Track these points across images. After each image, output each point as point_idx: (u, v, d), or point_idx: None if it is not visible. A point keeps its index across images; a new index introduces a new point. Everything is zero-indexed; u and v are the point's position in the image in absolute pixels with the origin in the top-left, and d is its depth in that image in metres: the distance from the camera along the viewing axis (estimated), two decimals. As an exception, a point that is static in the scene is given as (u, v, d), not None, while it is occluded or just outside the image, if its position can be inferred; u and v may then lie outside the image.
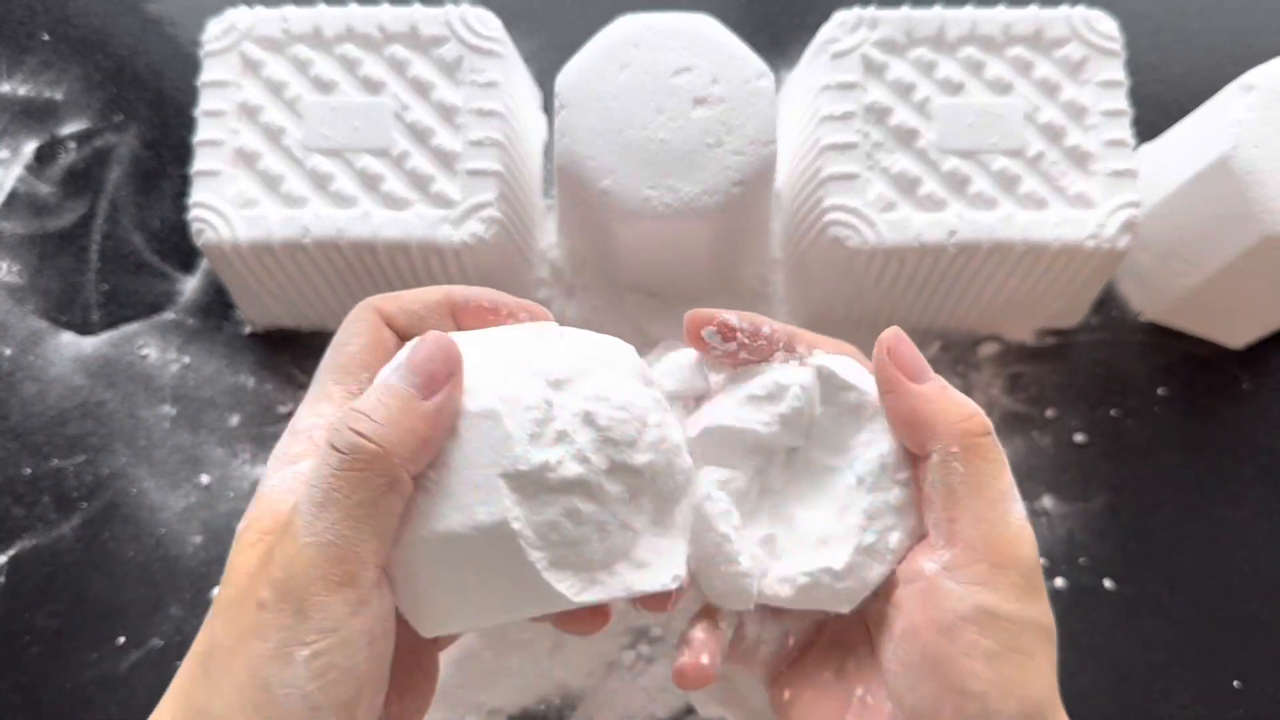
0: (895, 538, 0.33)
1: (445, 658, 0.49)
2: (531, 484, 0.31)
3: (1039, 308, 0.53)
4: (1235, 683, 0.50)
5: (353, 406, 0.30)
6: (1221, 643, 0.51)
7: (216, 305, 0.56)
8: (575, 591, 0.31)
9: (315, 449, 0.32)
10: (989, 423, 0.33)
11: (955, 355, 0.55)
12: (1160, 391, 0.55)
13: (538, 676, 0.49)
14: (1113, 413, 0.55)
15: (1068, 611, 0.51)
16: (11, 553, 0.51)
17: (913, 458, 0.34)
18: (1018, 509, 0.32)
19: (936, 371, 0.51)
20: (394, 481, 0.30)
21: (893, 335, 0.34)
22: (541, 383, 0.32)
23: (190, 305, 0.56)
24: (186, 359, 0.55)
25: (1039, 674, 0.31)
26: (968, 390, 0.55)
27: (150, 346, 0.55)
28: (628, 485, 0.32)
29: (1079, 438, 0.54)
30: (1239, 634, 0.51)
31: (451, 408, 0.31)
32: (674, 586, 0.33)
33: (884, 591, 0.34)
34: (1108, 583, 0.52)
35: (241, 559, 0.31)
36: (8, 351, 0.55)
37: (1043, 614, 0.32)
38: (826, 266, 0.50)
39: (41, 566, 0.51)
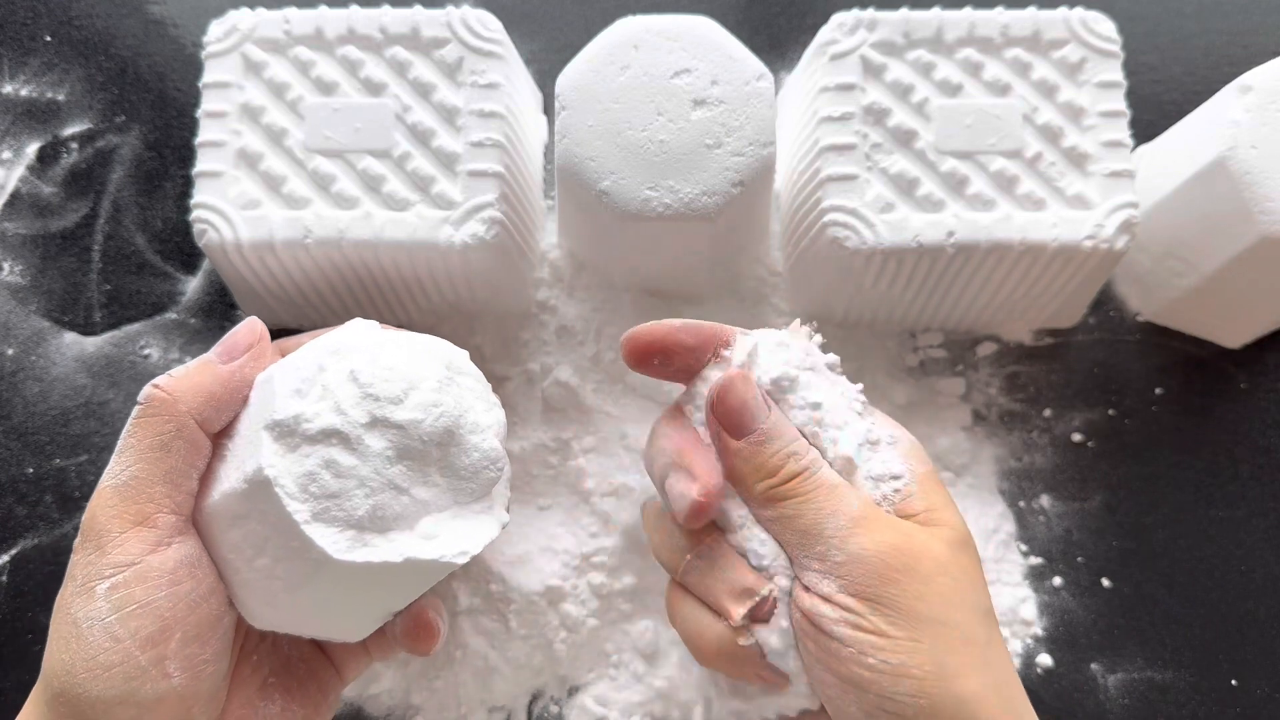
0: (899, 484, 0.35)
1: (446, 656, 0.49)
2: (289, 434, 0.32)
3: (1037, 308, 0.53)
4: (1233, 681, 0.50)
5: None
6: (1219, 641, 0.51)
7: (218, 306, 0.56)
8: (340, 549, 0.32)
9: None
10: (799, 465, 0.34)
11: (953, 355, 0.55)
12: (1158, 391, 0.55)
13: (535, 674, 0.50)
14: (1110, 412, 0.55)
15: (1065, 610, 0.52)
16: (14, 552, 0.52)
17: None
18: (843, 513, 0.33)
19: (935, 373, 0.52)
20: (181, 428, 0.33)
21: (722, 385, 0.35)
22: (324, 352, 0.34)
23: (192, 305, 0.56)
24: (189, 359, 0.55)
25: (932, 653, 0.32)
26: (968, 390, 0.55)
27: (152, 346, 0.55)
28: (394, 445, 0.33)
29: (1076, 437, 0.54)
30: (1236, 633, 0.51)
31: (245, 375, 0.35)
32: (459, 561, 0.33)
33: None
34: (1105, 581, 0.52)
35: None
36: (10, 351, 0.55)
37: (914, 601, 0.32)
38: (825, 267, 0.50)
39: (44, 565, 0.51)
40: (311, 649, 0.38)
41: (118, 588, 0.31)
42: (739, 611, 0.34)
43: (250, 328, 0.36)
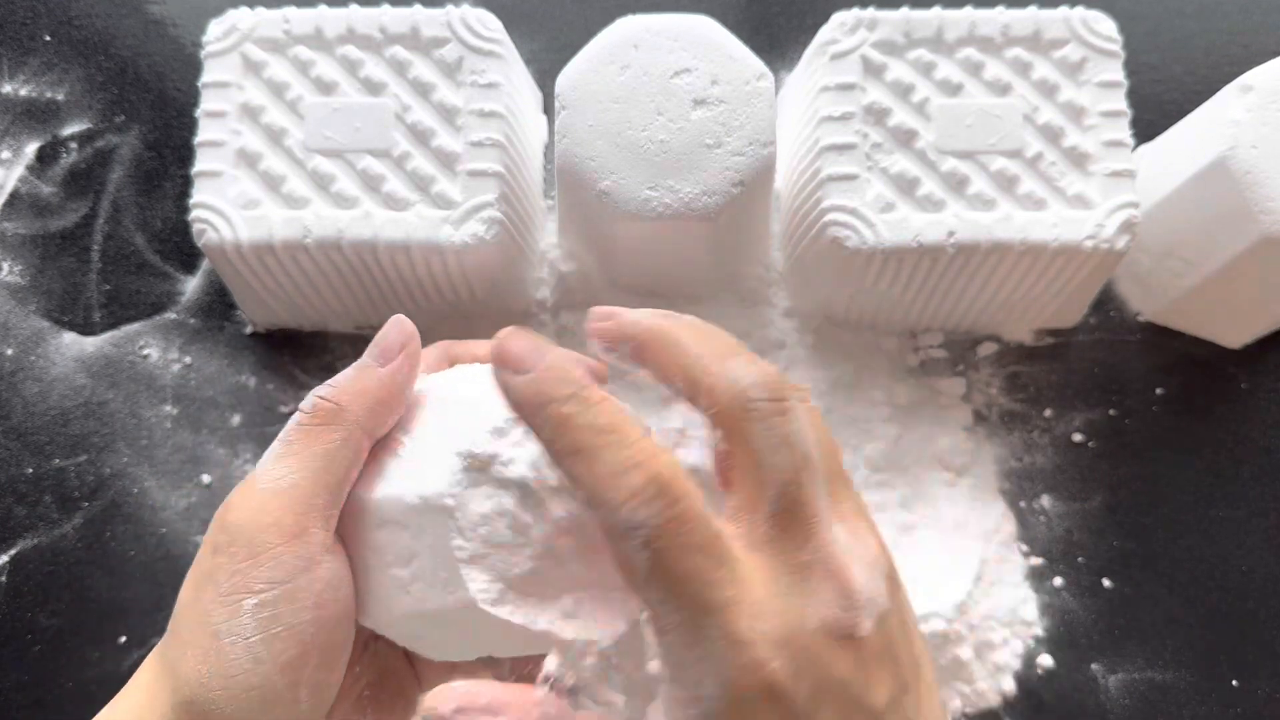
0: None
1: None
2: (481, 470, 0.31)
3: (1037, 308, 0.53)
4: (1233, 681, 0.50)
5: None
6: (1219, 642, 0.51)
7: (218, 305, 0.56)
8: (487, 599, 0.31)
9: None
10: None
11: (954, 355, 0.55)
12: (1158, 391, 0.55)
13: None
14: (1111, 412, 0.55)
15: (1066, 610, 0.52)
16: (13, 552, 0.52)
17: None
18: None
19: (935, 373, 0.52)
20: (348, 437, 0.31)
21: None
22: None
23: (192, 305, 0.56)
24: (188, 359, 0.55)
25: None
26: (968, 390, 0.55)
27: (152, 346, 0.55)
28: (573, 517, 0.31)
29: (1077, 437, 0.54)
30: (1237, 633, 0.51)
31: (405, 376, 0.33)
32: (578, 645, 0.32)
33: None
34: (1106, 581, 0.52)
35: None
36: (10, 351, 0.55)
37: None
38: (826, 267, 0.50)
39: (43, 566, 0.51)
40: (402, 659, 0.37)
41: (265, 605, 0.29)
42: None
43: (400, 328, 0.34)
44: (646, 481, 0.26)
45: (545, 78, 0.56)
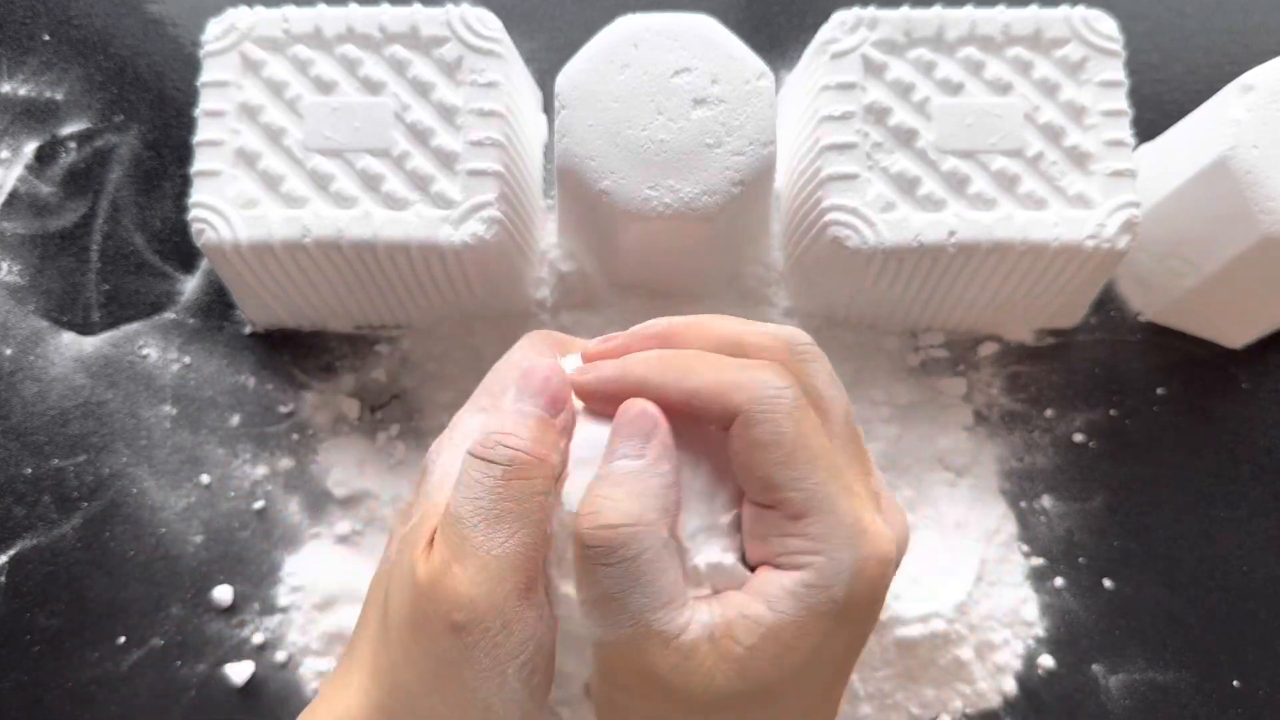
0: None
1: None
2: None
3: (1038, 308, 0.53)
4: (1235, 682, 0.50)
5: (496, 428, 0.31)
6: (1221, 642, 0.51)
7: (217, 305, 0.56)
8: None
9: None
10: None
11: (955, 355, 0.55)
12: (1159, 391, 0.55)
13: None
14: (1112, 412, 0.55)
15: (1067, 611, 0.51)
16: (12, 552, 0.52)
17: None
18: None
19: (936, 373, 0.51)
20: (549, 488, 0.31)
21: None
22: None
23: (191, 305, 0.56)
24: (187, 359, 0.55)
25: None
26: (969, 390, 0.55)
27: (151, 346, 0.55)
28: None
29: (1078, 437, 0.54)
30: (1238, 633, 0.51)
31: (569, 424, 0.32)
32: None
33: None
34: (1107, 582, 0.52)
35: (420, 563, 0.30)
36: (8, 351, 0.55)
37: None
38: (826, 266, 0.50)
39: (42, 566, 0.51)
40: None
41: (526, 665, 0.29)
42: None
43: (563, 379, 0.32)
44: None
45: (545, 77, 0.56)
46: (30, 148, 0.58)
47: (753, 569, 0.30)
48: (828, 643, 0.29)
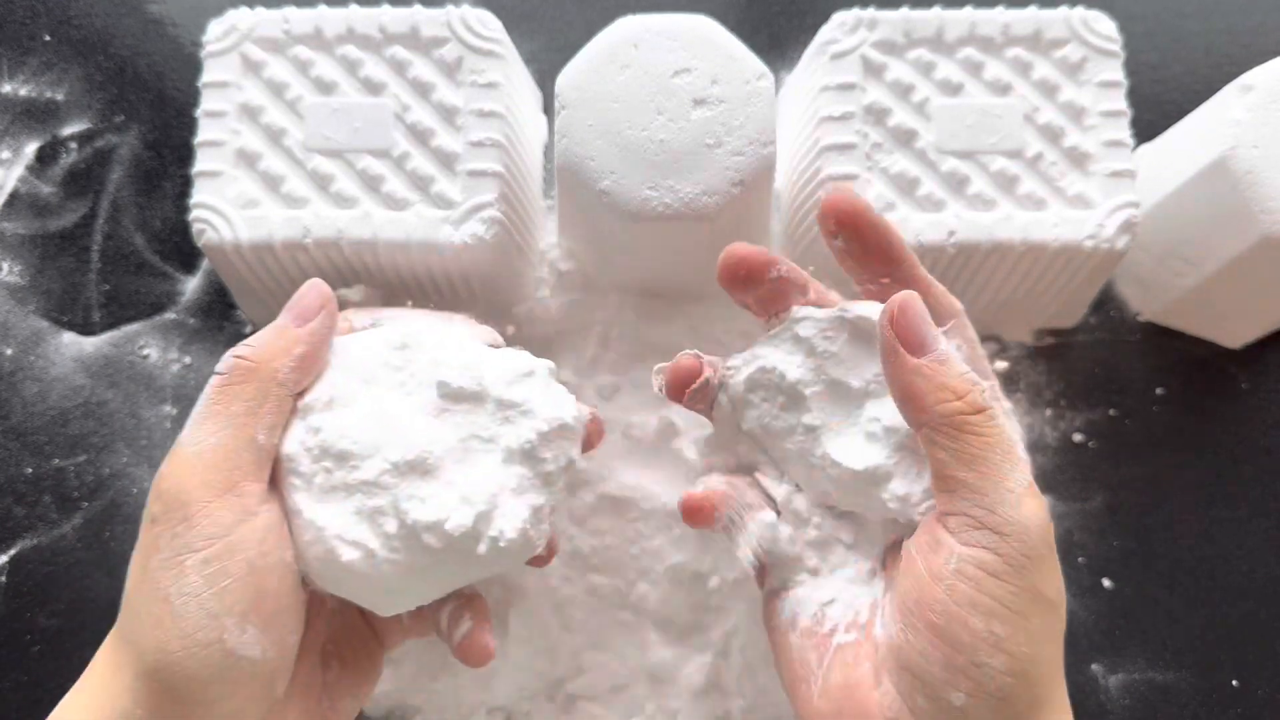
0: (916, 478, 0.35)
1: (446, 656, 0.49)
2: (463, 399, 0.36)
3: (1038, 308, 0.53)
4: (1234, 682, 0.50)
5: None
6: (1220, 642, 0.51)
7: (218, 305, 0.56)
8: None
9: None
10: (983, 400, 0.33)
11: (954, 355, 0.55)
12: (1159, 391, 0.55)
13: (535, 675, 0.49)
14: (1111, 413, 0.55)
15: (1067, 610, 0.51)
16: (12, 552, 0.52)
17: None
18: (1018, 479, 0.32)
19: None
20: (267, 392, 0.32)
21: (901, 299, 0.33)
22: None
23: (191, 305, 0.56)
24: (188, 359, 0.55)
25: (1032, 636, 0.32)
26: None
27: (151, 346, 0.55)
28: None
29: (1077, 437, 0.54)
30: (1237, 633, 0.51)
31: (322, 334, 0.35)
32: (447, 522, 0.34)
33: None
34: (1106, 582, 0.52)
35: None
36: (9, 351, 0.55)
37: (1043, 581, 0.32)
38: (826, 267, 0.50)
39: (43, 566, 0.51)
40: (358, 616, 0.38)
41: (210, 561, 0.30)
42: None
43: (318, 290, 0.36)
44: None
45: (545, 78, 0.56)
46: (31, 148, 0.58)
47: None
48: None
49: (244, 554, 0.30)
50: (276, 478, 0.34)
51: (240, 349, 0.33)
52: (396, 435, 0.34)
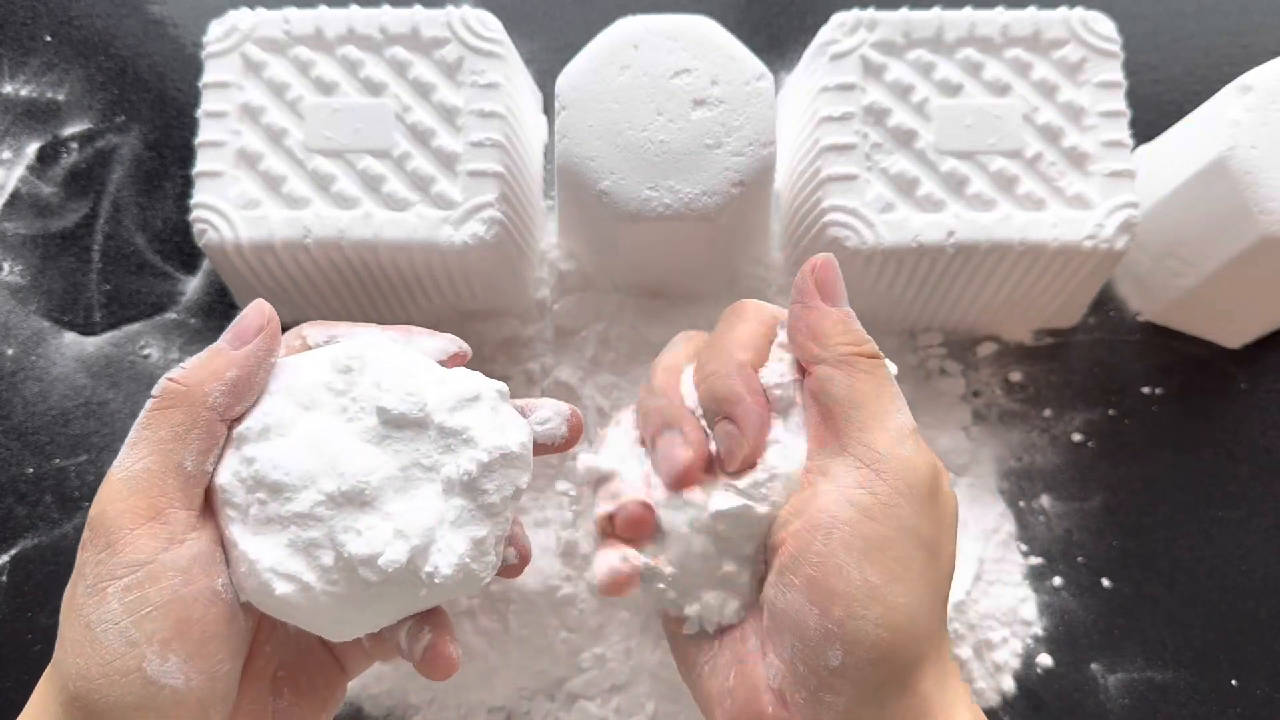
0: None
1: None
2: (406, 426, 0.35)
3: (1037, 308, 0.53)
4: (1233, 681, 0.50)
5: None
6: (1219, 641, 0.51)
7: (218, 305, 0.56)
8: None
9: None
10: (882, 356, 0.34)
11: (954, 355, 0.55)
12: (1158, 391, 0.55)
13: (535, 674, 0.49)
14: (1110, 412, 0.55)
15: (1065, 610, 0.52)
16: (14, 552, 0.52)
17: (802, 372, 0.35)
18: (902, 421, 0.33)
19: (935, 373, 0.51)
20: (197, 419, 0.32)
21: (824, 258, 0.35)
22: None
23: (192, 305, 0.56)
24: (188, 358, 0.55)
25: (910, 586, 0.31)
26: (968, 390, 0.55)
27: (152, 346, 0.55)
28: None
29: (1076, 437, 0.54)
30: (1236, 633, 0.51)
31: (260, 358, 0.34)
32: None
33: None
34: (1105, 581, 0.52)
35: None
36: (10, 351, 0.55)
37: (923, 526, 0.31)
38: (825, 267, 0.50)
39: (44, 565, 0.51)
40: (317, 643, 0.37)
41: (131, 589, 0.29)
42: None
43: (258, 310, 0.35)
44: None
45: (545, 78, 0.56)
46: (32, 148, 0.58)
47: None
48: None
49: (167, 581, 0.30)
50: (213, 507, 0.33)
51: (174, 372, 0.33)
52: (333, 464, 0.33)
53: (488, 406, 0.35)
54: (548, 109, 0.56)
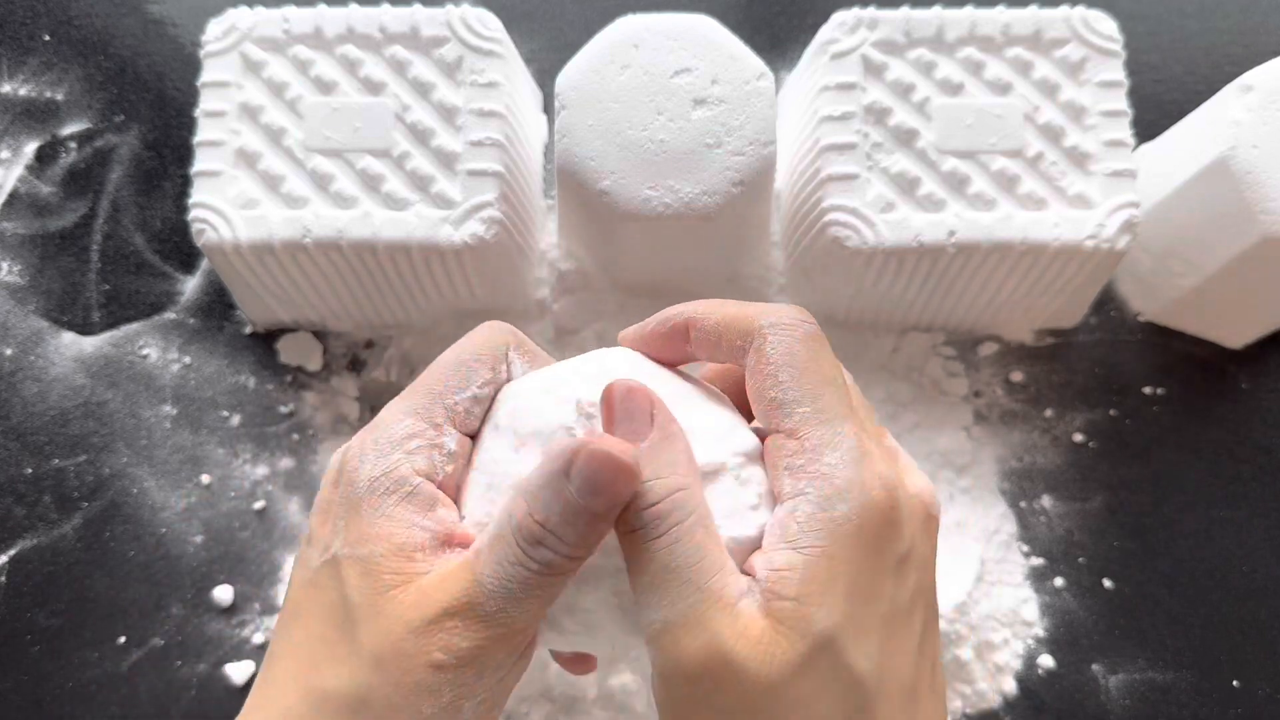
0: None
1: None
2: None
3: (1038, 308, 0.53)
4: (1234, 682, 0.50)
5: (542, 521, 0.28)
6: (1220, 642, 0.51)
7: (217, 305, 0.56)
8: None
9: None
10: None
11: (955, 355, 0.55)
12: (1159, 391, 0.55)
13: (537, 674, 0.49)
14: (1111, 412, 0.55)
15: (1067, 611, 0.51)
16: (13, 552, 0.52)
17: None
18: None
19: (936, 373, 0.51)
20: (572, 573, 0.30)
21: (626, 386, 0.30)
22: None
23: (191, 305, 0.56)
24: (187, 359, 0.55)
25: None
26: (969, 390, 0.55)
27: (151, 346, 0.55)
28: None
29: (1078, 437, 0.54)
30: (1238, 633, 0.51)
31: (610, 511, 0.29)
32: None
33: None
34: (1106, 582, 0.52)
35: (393, 605, 0.29)
36: (9, 351, 0.55)
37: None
38: (826, 267, 0.50)
39: (43, 566, 0.51)
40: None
41: (484, 704, 0.30)
42: None
43: (623, 473, 0.29)
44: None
45: (545, 78, 0.56)
46: (31, 148, 0.58)
47: None
48: (867, 574, 0.27)
49: (510, 685, 0.31)
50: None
51: (554, 545, 0.28)
52: None
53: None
54: (548, 108, 0.56)
